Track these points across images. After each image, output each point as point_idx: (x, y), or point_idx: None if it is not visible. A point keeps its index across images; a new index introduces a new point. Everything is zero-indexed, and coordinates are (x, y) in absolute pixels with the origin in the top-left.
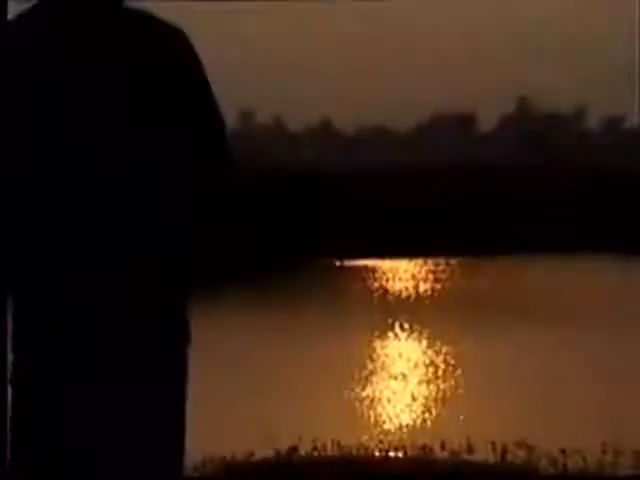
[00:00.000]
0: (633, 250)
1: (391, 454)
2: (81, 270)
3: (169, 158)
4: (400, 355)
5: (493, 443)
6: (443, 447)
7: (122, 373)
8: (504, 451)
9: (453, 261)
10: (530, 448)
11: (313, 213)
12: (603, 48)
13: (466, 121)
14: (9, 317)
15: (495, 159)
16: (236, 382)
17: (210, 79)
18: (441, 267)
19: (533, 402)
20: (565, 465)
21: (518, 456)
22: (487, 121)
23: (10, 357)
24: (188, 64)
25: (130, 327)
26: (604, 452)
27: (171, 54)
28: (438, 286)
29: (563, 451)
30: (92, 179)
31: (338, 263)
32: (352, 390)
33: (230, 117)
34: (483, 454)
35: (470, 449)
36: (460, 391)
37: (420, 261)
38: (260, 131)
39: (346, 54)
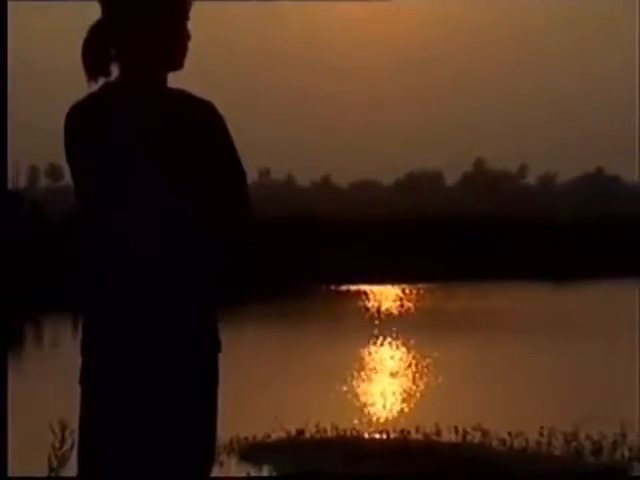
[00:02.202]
0: (561, 277)
1: (377, 436)
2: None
3: (202, 201)
4: (385, 360)
5: (456, 427)
6: (418, 431)
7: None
8: (465, 433)
9: (430, 286)
10: (484, 431)
11: (315, 249)
12: (541, 122)
13: (435, 177)
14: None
15: (458, 207)
16: (254, 381)
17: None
18: (420, 291)
19: (488, 396)
20: (511, 444)
21: (475, 437)
22: (451, 177)
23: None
24: (218, 131)
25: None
26: (541, 434)
27: (205, 122)
28: (417, 306)
29: (509, 434)
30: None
31: (334, 287)
32: (347, 386)
33: (250, 174)
34: (448, 436)
35: (438, 432)
36: (432, 388)
37: (403, 286)
38: (274, 185)
39: (342, 124)
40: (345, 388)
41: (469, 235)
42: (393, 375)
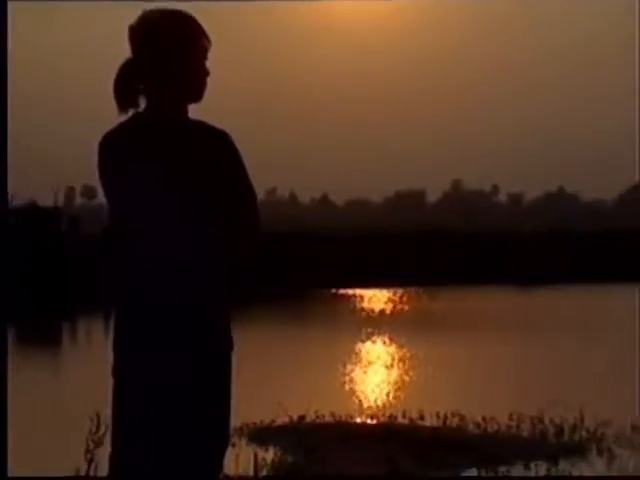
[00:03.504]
0: (526, 282)
1: (368, 420)
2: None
3: (216, 217)
4: (376, 354)
5: (437, 413)
6: (404, 415)
7: (177, 370)
8: (445, 418)
9: (415, 289)
10: (462, 416)
11: (315, 258)
12: (510, 147)
13: (419, 195)
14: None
15: (438, 221)
16: (261, 372)
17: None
18: (407, 294)
19: (466, 385)
20: (485, 427)
21: (454, 421)
22: (433, 195)
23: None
24: (231, 157)
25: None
26: (511, 418)
27: (220, 149)
28: (405, 307)
29: (484, 418)
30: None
31: (332, 291)
32: (342, 377)
33: (258, 193)
34: (431, 420)
35: (422, 417)
36: (417, 378)
37: (392, 289)
38: (278, 203)
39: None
40: (341, 378)
41: (448, 246)
42: (383, 367)
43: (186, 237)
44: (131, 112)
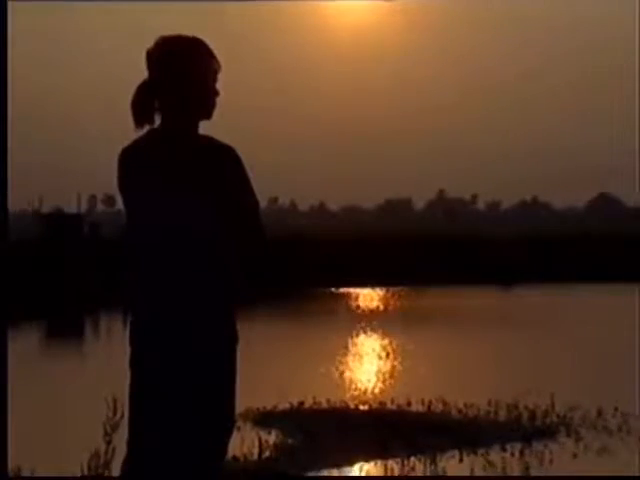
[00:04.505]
0: (506, 282)
1: (360, 407)
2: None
3: (223, 223)
4: (369, 347)
5: (423, 399)
6: (392, 402)
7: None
8: (429, 404)
9: (405, 289)
10: (445, 402)
11: (313, 260)
12: (488, 160)
13: (407, 202)
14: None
15: (424, 226)
16: (264, 363)
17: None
18: (396, 293)
19: (449, 375)
20: (466, 413)
21: (438, 407)
22: (419, 203)
23: None
24: (236, 170)
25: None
26: (489, 404)
27: (226, 163)
28: (395, 304)
29: (465, 404)
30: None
31: (329, 290)
32: (337, 367)
33: (262, 201)
34: (417, 406)
35: (409, 403)
36: (404, 368)
37: (384, 288)
38: (281, 210)
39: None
40: (337, 369)
41: (434, 249)
42: (375, 359)
43: (196, 242)
44: (147, 128)
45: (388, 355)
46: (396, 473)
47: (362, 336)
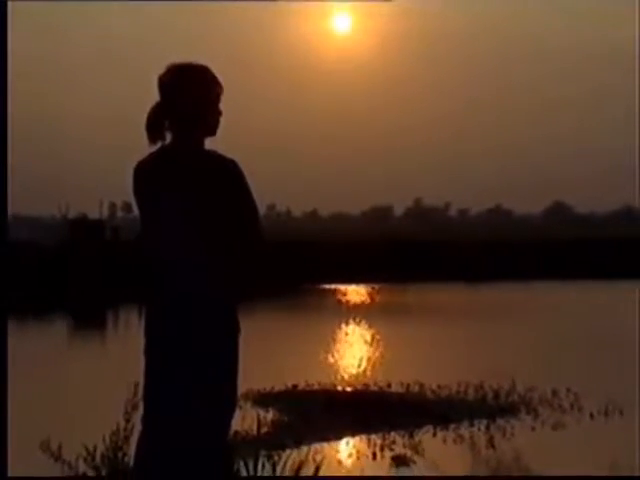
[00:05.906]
0: (472, 279)
1: (347, 389)
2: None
3: (226, 230)
4: (355, 336)
5: (402, 382)
6: (375, 384)
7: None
8: (407, 386)
9: (386, 286)
10: (421, 384)
11: (307, 260)
12: (461, 171)
13: (388, 209)
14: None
15: (403, 231)
16: (263, 350)
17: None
18: (380, 289)
19: (425, 360)
20: (439, 394)
21: (415, 389)
22: (399, 210)
23: None
24: (238, 181)
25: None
26: (459, 385)
27: (229, 174)
28: (378, 299)
29: (438, 386)
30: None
31: (320, 287)
32: (328, 353)
33: (261, 208)
34: (396, 388)
35: (389, 385)
36: (386, 354)
37: (369, 285)
38: (277, 216)
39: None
40: (327, 355)
41: (412, 251)
42: (360, 346)
43: (203, 245)
44: (159, 144)
45: (372, 343)
46: (378, 445)
47: (350, 326)
